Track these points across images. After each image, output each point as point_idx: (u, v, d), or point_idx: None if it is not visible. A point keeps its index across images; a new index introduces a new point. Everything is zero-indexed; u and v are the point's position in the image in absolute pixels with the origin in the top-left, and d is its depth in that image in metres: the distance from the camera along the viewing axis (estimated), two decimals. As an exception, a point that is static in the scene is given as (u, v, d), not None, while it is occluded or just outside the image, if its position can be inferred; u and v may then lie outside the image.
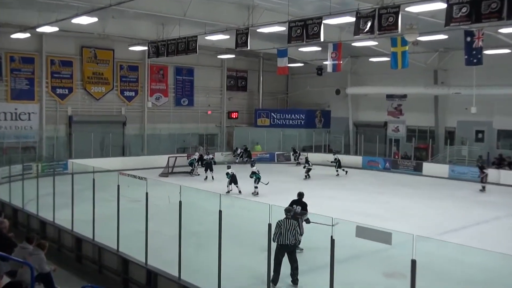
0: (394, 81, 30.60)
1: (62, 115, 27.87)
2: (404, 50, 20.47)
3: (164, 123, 31.80)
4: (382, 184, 24.23)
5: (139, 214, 10.77)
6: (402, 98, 32.12)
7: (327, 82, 34.44)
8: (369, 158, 30.12)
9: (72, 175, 12.63)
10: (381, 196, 20.76)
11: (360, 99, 34.47)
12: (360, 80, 33.66)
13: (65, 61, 27.72)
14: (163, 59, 26.86)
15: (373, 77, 32.59)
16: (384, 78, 31.36)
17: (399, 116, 32.54)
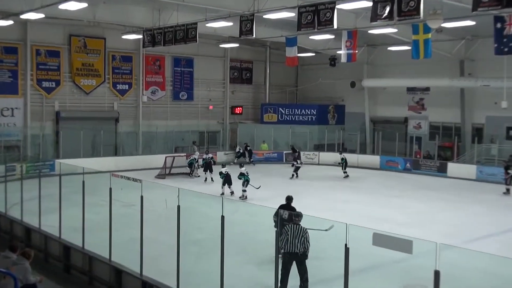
0: (415, 72, 30.50)
1: (49, 110, 27.97)
2: (427, 38, 20.41)
3: (161, 119, 31.87)
4: (402, 187, 24.20)
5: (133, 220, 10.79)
6: (425, 92, 32.02)
7: (341, 73, 34.37)
8: (388, 158, 30.06)
9: (59, 177, 12.66)
10: (401, 200, 20.72)
11: (378, 93, 34.37)
12: (378, 72, 33.57)
13: (51, 51, 27.81)
14: (159, 49, 26.87)
15: (392, 68, 32.49)
16: (404, 69, 31.25)
17: (421, 111, 32.44)
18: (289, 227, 9.46)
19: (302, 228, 9.51)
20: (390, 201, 20.43)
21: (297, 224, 9.54)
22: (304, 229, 9.49)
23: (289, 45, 25.99)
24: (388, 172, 28.81)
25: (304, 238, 9.45)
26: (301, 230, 9.48)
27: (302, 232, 9.46)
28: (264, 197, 19.99)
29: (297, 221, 9.58)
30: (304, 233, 9.46)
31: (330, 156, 31.26)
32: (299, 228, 9.48)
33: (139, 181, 10.03)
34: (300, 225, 9.52)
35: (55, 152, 27.41)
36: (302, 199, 19.72)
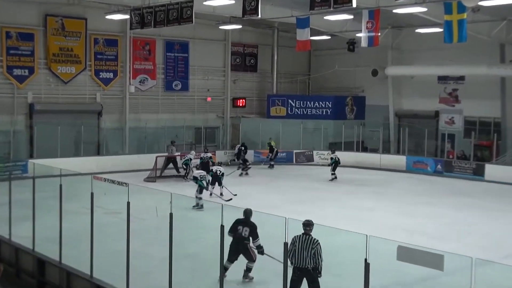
0: (448, 58, 30.37)
1: (21, 102, 28.01)
2: (462, 19, 20.32)
3: (151, 113, 31.87)
4: (432, 192, 24.15)
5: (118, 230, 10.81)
6: (459, 81, 31.91)
7: (361, 60, 34.28)
8: (416, 159, 30.00)
9: (33, 180, 12.71)
10: (430, 208, 20.65)
11: (404, 82, 34.29)
12: (404, 58, 33.48)
13: (24, 34, 27.83)
14: (149, 31, 26.86)
15: (420, 54, 32.40)
16: (435, 55, 31.17)
17: (454, 104, 32.35)
18: (297, 238, 9.42)
19: (312, 239, 9.45)
20: (417, 209, 20.38)
21: (307, 234, 9.50)
22: (315, 241, 9.42)
23: (300, 27, 25.92)
24: (416, 175, 28.75)
25: (315, 251, 9.36)
26: (310, 242, 9.41)
27: (312, 244, 9.39)
28: (272, 203, 20.02)
29: (308, 231, 9.52)
30: (314, 245, 9.38)
31: (349, 156, 31.21)
32: (309, 239, 9.42)
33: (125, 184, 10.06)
34: (310, 236, 9.47)
35: (28, 151, 27.44)
36: (317, 207, 19.84)
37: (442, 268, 6.04)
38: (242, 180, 24.05)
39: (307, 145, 32.57)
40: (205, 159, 25.16)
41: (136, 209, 10.06)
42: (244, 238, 11.12)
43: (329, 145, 31.82)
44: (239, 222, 11.22)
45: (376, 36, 24.14)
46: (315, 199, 21.67)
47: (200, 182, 19.54)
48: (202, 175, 19.94)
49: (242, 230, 11.13)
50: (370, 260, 6.76)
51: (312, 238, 9.43)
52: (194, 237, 14.02)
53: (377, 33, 24.10)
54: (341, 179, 26.81)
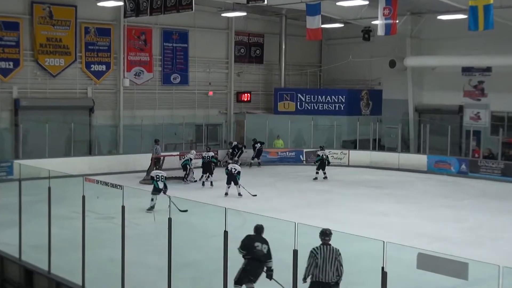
0: (473, 48, 30.34)
1: (5, 98, 28.10)
2: (488, 4, 20.26)
3: (147, 108, 31.94)
4: (456, 195, 24.14)
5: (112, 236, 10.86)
6: (485, 73, 31.84)
7: (378, 50, 34.25)
8: (438, 158, 29.95)
9: (19, 182, 12.75)
10: (454, 212, 20.67)
11: (425, 74, 34.23)
12: (425, 47, 33.41)
13: (8, 23, 27.90)
14: (145, 19, 26.89)
15: (443, 43, 32.33)
16: (459, 44, 31.08)
17: (480, 97, 32.27)
18: (319, 249, 9.28)
19: (334, 249, 9.34)
20: (439, 213, 20.36)
21: (327, 244, 9.36)
22: (336, 250, 9.33)
23: (311, 14, 25.92)
24: (438, 176, 28.71)
25: (338, 262, 9.29)
26: (333, 252, 9.31)
27: (335, 254, 9.30)
28: (280, 207, 20.05)
29: (327, 241, 9.38)
30: (337, 255, 9.31)
31: (364, 155, 31.19)
32: (330, 249, 9.30)
33: (120, 187, 10.09)
34: (331, 246, 9.36)
35: (13, 150, 27.53)
36: (328, 211, 19.87)
37: (466, 277, 6.05)
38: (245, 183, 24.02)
39: (318, 144, 32.48)
40: (207, 159, 25.24)
41: (131, 213, 10.11)
42: (265, 256, 10.33)
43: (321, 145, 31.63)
44: (255, 239, 10.46)
45: (393, 23, 24.10)
46: (327, 203, 21.69)
47: (155, 183, 19.69)
48: (158, 175, 20.03)
49: (261, 247, 10.36)
50: (387, 269, 6.77)
51: (333, 248, 9.30)
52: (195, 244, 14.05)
53: (395, 20, 24.07)
54: (356, 181, 26.82)
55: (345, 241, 10.07)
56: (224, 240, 8.50)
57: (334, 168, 30.49)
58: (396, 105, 34.60)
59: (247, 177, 24.05)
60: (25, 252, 12.40)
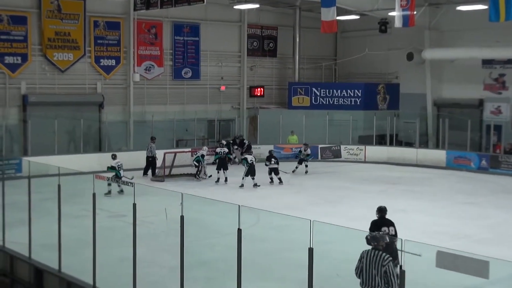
0: (494, 40, 30.18)
1: (13, 94, 28.28)
2: (509, -6, 20.17)
3: (158, 104, 32.03)
4: (476, 191, 24.08)
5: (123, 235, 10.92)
6: (506, 65, 31.65)
7: (395, 42, 34.14)
8: (457, 153, 29.84)
9: (28, 180, 12.84)
10: (474, 208, 20.63)
11: (444, 67, 34.08)
12: (444, 39, 33.27)
13: (16, 17, 28.06)
14: (155, 12, 26.99)
15: (462, 35, 32.16)
16: (479, 36, 30.92)
17: (501, 91, 32.09)
18: (365, 253, 8.98)
19: (382, 255, 8.89)
20: (459, 210, 20.33)
21: (377, 249, 9.00)
22: (385, 257, 8.85)
23: (326, 5, 25.86)
24: (458, 172, 28.60)
25: (386, 270, 8.75)
26: (380, 258, 8.85)
27: (381, 261, 8.81)
28: (295, 204, 20.06)
29: (377, 246, 8.99)
30: (384, 262, 8.79)
31: (381, 151, 31.12)
32: (377, 255, 8.91)
33: (131, 184, 10.14)
34: (379, 251, 8.96)
35: (22, 147, 27.70)
36: (345, 208, 19.86)
37: (487, 276, 6.04)
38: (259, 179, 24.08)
39: (334, 139, 32.51)
40: (222, 155, 25.33)
41: (143, 211, 10.14)
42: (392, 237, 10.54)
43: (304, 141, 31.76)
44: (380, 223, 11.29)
45: (411, 15, 24.02)
46: (343, 199, 21.67)
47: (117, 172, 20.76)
48: (119, 164, 21.46)
49: (389, 230, 11.09)
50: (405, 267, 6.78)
51: (382, 254, 8.92)
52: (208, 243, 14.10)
53: (412, 12, 23.98)
54: (373, 177, 26.77)
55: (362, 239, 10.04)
56: (238, 238, 8.52)
57: (351, 164, 30.53)
58: (414, 99, 34.47)
59: (261, 174, 24.07)
60: (35, 251, 12.49)
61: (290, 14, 36.10)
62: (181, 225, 9.16)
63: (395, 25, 25.10)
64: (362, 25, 34.87)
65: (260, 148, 31.48)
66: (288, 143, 32.14)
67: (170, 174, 25.93)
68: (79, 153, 27.80)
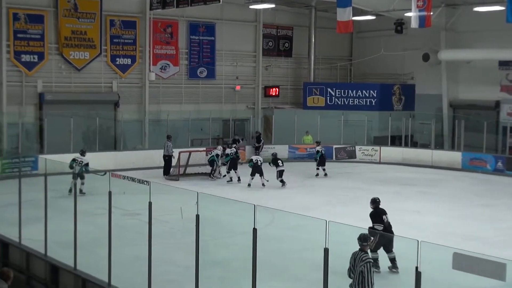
0: (511, 41, 30.04)
1: (30, 92, 28.46)
2: (527, -5, 20.07)
3: (173, 103, 32.12)
4: (492, 193, 23.97)
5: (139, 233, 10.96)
6: (523, 67, 31.53)
7: (411, 43, 34.03)
8: (473, 155, 29.71)
9: (45, 177, 12.91)
10: (490, 210, 20.55)
11: (460, 68, 33.95)
12: (460, 40, 33.13)
13: (33, 16, 28.24)
14: (171, 12, 27.06)
15: (479, 36, 32.01)
16: (496, 37, 30.76)
17: (518, 92, 31.98)
18: (353, 254, 9.19)
19: (362, 256, 9.09)
20: (475, 212, 20.27)
21: (363, 250, 9.20)
22: (363, 258, 9.06)
23: (342, 5, 25.82)
24: (473, 173, 28.48)
25: (362, 270, 8.94)
26: (359, 259, 9.06)
27: (360, 261, 9.04)
28: (310, 205, 20.06)
29: (364, 247, 9.26)
30: (361, 263, 9.01)
31: (396, 152, 31.04)
32: (360, 255, 9.10)
33: (147, 183, 10.16)
34: (364, 253, 9.15)
35: (38, 145, 27.87)
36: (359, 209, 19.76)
37: (504, 278, 6.02)
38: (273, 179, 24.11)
39: (349, 140, 32.47)
40: (233, 155, 25.35)
41: (158, 210, 10.16)
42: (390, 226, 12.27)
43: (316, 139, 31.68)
44: (380, 212, 12.81)
45: (428, 15, 23.94)
46: (358, 200, 21.60)
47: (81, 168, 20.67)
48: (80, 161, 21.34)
49: (387, 218, 12.49)
50: (421, 269, 6.76)
51: (363, 255, 9.13)
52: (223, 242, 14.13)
53: (429, 12, 23.91)
54: (388, 178, 26.71)
55: (378, 240, 10.06)
56: (253, 237, 8.53)
57: (365, 164, 30.47)
58: (429, 100, 34.36)
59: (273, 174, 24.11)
60: (51, 248, 12.55)
61: (306, 14, 36.08)
62: (197, 224, 9.18)
63: (411, 25, 25.05)
64: (378, 25, 34.81)
65: (275, 148, 31.50)
66: (303, 143, 32.14)
67: (184, 173, 26.02)
68: (95, 151, 27.91)
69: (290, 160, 30.82)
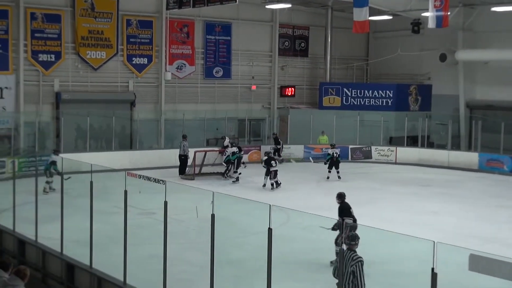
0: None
1: (47, 91, 28.64)
2: (545, -5, 19.94)
3: (189, 102, 32.20)
4: (509, 194, 23.80)
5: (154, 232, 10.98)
6: (541, 67, 31.34)
7: (428, 43, 33.91)
8: (490, 156, 29.54)
9: (61, 176, 12.99)
10: (507, 212, 20.40)
11: (477, 69, 33.78)
12: (478, 40, 32.97)
13: (50, 15, 28.41)
14: (188, 11, 27.11)
15: (497, 36, 31.86)
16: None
17: (536, 93, 31.77)
18: (341, 253, 9.01)
19: (352, 255, 8.98)
20: (491, 213, 20.14)
21: (352, 250, 9.10)
22: (354, 257, 8.95)
23: (358, 6, 25.77)
24: (490, 174, 28.32)
25: (354, 270, 8.83)
26: (350, 258, 8.95)
27: (350, 261, 8.92)
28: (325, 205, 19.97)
29: (352, 246, 9.15)
30: (353, 262, 8.89)
31: (412, 152, 30.92)
32: (349, 255, 9.01)
33: (162, 182, 10.17)
34: (353, 252, 9.06)
35: (54, 144, 28.02)
36: (375, 210, 19.76)
37: (522, 280, 5.98)
38: (289, 179, 24.10)
39: (365, 140, 32.38)
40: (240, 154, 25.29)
41: (173, 209, 10.18)
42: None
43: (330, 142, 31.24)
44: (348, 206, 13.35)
45: (445, 15, 23.84)
46: (373, 201, 21.57)
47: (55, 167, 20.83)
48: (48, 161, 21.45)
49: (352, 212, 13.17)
50: (437, 270, 6.72)
51: (354, 254, 9.06)
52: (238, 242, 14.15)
53: (446, 12, 23.81)
54: (404, 178, 26.62)
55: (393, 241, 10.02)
56: (269, 237, 8.52)
57: (381, 165, 30.37)
58: (446, 101, 34.22)
59: (290, 174, 24.12)
60: (67, 246, 12.61)
61: (322, 14, 36.04)
62: (212, 224, 9.18)
63: (429, 25, 24.94)
64: (395, 25, 34.70)
65: (290, 148, 31.57)
66: (319, 144, 32.09)
67: (200, 173, 26.06)
68: (111, 150, 28.04)
69: (306, 160, 30.80)
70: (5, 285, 8.56)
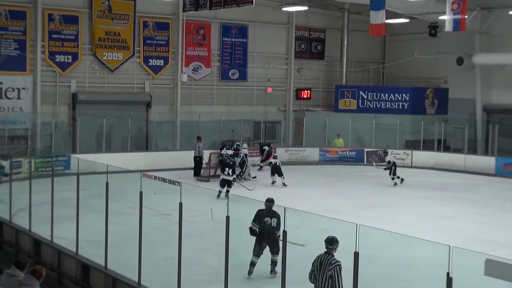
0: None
1: (64, 92, 28.79)
2: None
3: (205, 104, 32.25)
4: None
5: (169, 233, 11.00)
6: (559, 71, 31.12)
7: (445, 46, 33.74)
8: (507, 161, 29.36)
9: (77, 177, 13.03)
10: (523, 217, 20.24)
11: (494, 72, 33.60)
12: (495, 44, 32.78)
13: (68, 17, 28.57)
14: (204, 14, 27.14)
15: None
16: (531, 41, 30.49)
17: (553, 97, 31.56)
18: (318, 257, 9.04)
19: (330, 259, 8.93)
20: (508, 218, 19.97)
21: (330, 253, 9.02)
22: (332, 261, 8.89)
23: (375, 8, 25.71)
24: (507, 179, 28.10)
25: (332, 274, 8.80)
26: (328, 262, 8.90)
27: (328, 265, 8.86)
28: (340, 208, 19.95)
29: (330, 250, 9.04)
30: (331, 266, 8.83)
31: (428, 156, 30.78)
32: (327, 259, 8.93)
33: (178, 183, 10.19)
34: (331, 256, 8.98)
35: (71, 145, 28.17)
36: (390, 213, 19.71)
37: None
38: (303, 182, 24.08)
39: (380, 143, 32.24)
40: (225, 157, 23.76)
41: (188, 211, 10.21)
42: (274, 228, 11.99)
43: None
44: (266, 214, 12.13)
45: (462, 19, 23.73)
46: (388, 204, 21.51)
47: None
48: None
49: (271, 221, 12.01)
50: (452, 275, 6.69)
51: (332, 258, 8.98)
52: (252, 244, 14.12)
53: (464, 16, 23.70)
54: (420, 182, 26.49)
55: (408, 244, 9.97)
56: (283, 240, 8.52)
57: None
58: (463, 105, 34.05)
59: (304, 176, 24.11)
60: (82, 247, 12.69)
61: (339, 16, 35.97)
62: (227, 226, 9.20)
63: (446, 29, 24.86)
64: (411, 28, 34.59)
65: (306, 151, 31.53)
66: (334, 146, 32.05)
67: (215, 175, 26.05)
68: (126, 151, 28.13)
69: (321, 163, 30.77)
70: (21, 284, 8.62)
